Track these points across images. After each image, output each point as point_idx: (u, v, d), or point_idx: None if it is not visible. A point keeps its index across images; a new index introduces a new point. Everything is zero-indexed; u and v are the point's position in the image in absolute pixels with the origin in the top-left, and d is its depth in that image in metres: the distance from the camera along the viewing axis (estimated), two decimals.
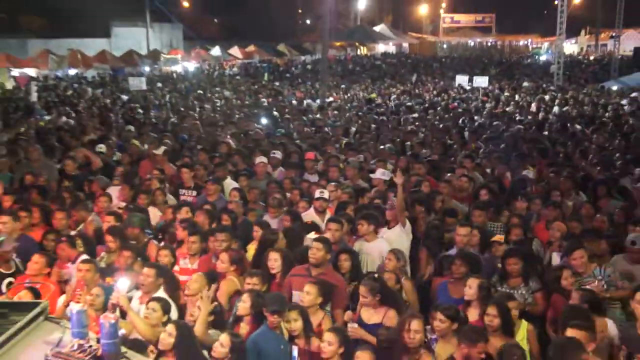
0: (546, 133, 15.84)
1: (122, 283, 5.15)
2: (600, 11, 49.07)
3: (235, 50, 47.22)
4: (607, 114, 19.32)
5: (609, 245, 6.84)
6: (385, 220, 7.60)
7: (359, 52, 58.50)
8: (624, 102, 22.61)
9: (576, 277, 6.02)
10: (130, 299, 5.69)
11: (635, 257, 6.60)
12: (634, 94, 24.28)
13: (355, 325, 5.48)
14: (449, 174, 10.14)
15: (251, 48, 48.20)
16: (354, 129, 16.14)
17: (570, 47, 49.91)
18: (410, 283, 6.40)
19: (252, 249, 7.09)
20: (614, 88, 28.13)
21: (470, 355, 4.69)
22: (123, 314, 5.27)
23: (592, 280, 5.96)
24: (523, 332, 5.37)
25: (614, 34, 42.85)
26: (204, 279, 5.96)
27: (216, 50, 46.63)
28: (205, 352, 4.99)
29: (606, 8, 45.51)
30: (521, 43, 66.42)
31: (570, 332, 4.61)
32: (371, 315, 5.59)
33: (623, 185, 9.81)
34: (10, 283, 6.40)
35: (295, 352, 5.03)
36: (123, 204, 8.62)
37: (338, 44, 54.59)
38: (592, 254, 6.40)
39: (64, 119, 17.35)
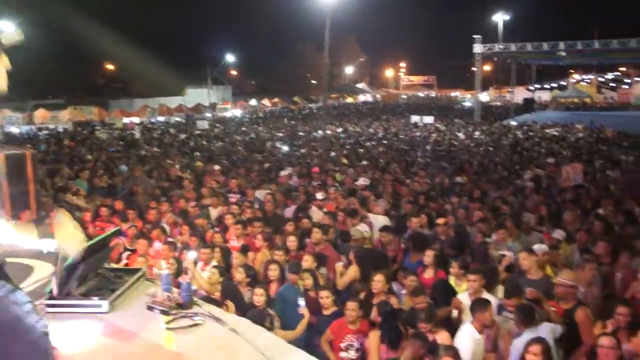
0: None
1: (191, 255, 5.16)
2: (501, 75, 53.39)
3: (265, 101, 47.67)
4: (508, 140, 19.46)
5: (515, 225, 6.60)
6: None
7: (347, 101, 58.70)
8: (518, 132, 22.97)
9: (496, 247, 5.93)
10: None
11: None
12: (524, 127, 25.40)
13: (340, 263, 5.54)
14: (408, 181, 10.12)
15: (276, 99, 48.40)
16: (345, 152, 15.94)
17: (484, 97, 50.73)
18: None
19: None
20: (513, 123, 29.09)
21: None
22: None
23: (505, 248, 5.86)
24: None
25: (510, 89, 45.25)
26: (243, 256, 5.89)
27: (253, 102, 47.32)
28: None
29: (505, 72, 49.35)
30: (453, 94, 67.49)
31: None
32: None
33: (521, 185, 9.76)
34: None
35: (302, 302, 4.80)
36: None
37: (334, 95, 54.66)
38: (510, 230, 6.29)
39: (155, 149, 17.40)
